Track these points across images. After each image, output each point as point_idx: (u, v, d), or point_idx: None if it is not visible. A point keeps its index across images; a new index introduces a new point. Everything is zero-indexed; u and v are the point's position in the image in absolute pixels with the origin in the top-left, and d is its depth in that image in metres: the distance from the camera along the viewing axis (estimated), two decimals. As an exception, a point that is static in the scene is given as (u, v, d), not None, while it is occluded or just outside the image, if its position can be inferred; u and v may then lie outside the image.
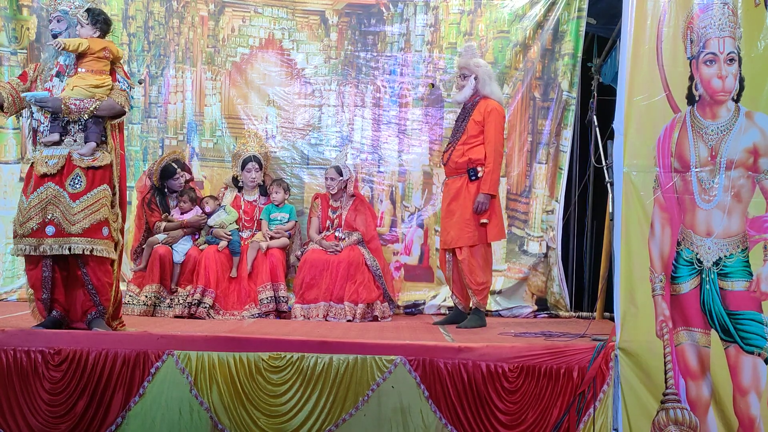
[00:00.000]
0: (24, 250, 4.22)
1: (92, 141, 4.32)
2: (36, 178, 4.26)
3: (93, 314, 4.38)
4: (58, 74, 4.38)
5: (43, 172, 4.22)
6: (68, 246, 4.20)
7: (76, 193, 4.24)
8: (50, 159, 4.27)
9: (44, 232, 4.19)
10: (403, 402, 4.05)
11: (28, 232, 4.20)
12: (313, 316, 5.77)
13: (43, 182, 4.23)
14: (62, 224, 4.20)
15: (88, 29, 4.39)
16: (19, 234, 4.24)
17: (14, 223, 4.32)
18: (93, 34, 4.40)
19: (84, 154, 4.29)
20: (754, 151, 3.86)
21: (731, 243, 3.87)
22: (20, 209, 4.27)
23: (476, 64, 5.46)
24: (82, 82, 4.33)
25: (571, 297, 6.60)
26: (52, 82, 4.37)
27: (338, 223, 6.13)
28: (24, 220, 4.22)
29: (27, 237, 4.20)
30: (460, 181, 5.36)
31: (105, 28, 4.46)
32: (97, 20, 4.41)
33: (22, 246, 4.23)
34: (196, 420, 4.05)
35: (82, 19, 4.38)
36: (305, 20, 6.77)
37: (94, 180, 4.30)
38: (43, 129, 4.35)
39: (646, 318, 3.97)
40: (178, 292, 5.80)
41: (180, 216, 6.08)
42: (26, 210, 4.22)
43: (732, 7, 3.90)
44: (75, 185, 4.25)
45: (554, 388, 4.05)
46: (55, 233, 4.19)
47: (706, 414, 3.88)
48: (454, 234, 5.34)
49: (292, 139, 6.73)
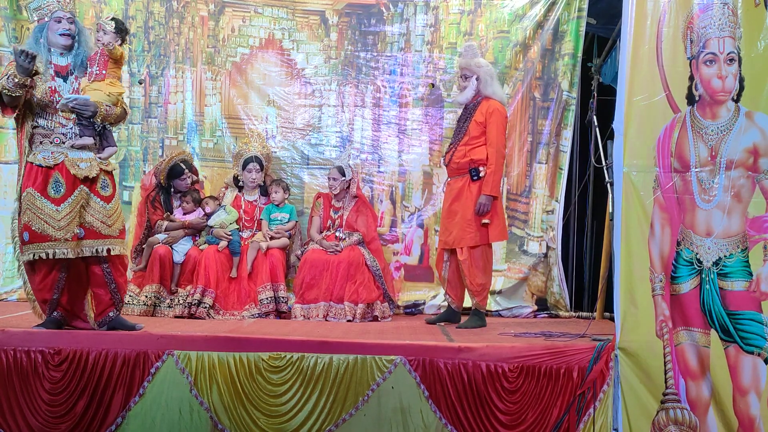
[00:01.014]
0: (64, 254, 4.23)
1: (112, 146, 4.51)
2: (68, 183, 4.26)
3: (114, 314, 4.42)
4: (58, 74, 4.36)
5: (83, 175, 4.28)
6: (105, 247, 4.32)
7: (107, 196, 4.40)
8: (80, 162, 4.32)
9: (78, 236, 4.27)
10: (403, 402, 4.05)
11: (69, 236, 4.23)
12: (313, 316, 5.77)
13: (77, 186, 4.28)
14: (96, 226, 4.31)
15: (111, 37, 4.47)
16: (55, 238, 4.20)
17: (36, 227, 4.21)
18: (116, 42, 4.48)
19: (104, 158, 4.43)
20: (754, 151, 3.86)
21: (731, 243, 3.87)
22: (48, 214, 4.21)
23: (477, 65, 5.43)
24: (110, 88, 4.43)
25: (571, 297, 6.60)
26: (55, 82, 4.33)
27: (339, 223, 6.13)
28: (62, 225, 4.21)
29: (68, 241, 4.22)
30: (461, 182, 5.36)
31: (125, 37, 4.60)
32: (121, 29, 4.53)
33: (61, 249, 4.22)
34: (196, 420, 4.05)
35: (108, 27, 4.47)
36: (305, 20, 6.77)
37: (113, 183, 4.47)
38: (66, 132, 4.33)
39: (646, 318, 3.98)
40: (178, 293, 5.80)
41: (182, 216, 6.08)
42: (62, 216, 4.23)
43: (732, 7, 3.90)
44: (105, 188, 4.39)
45: (554, 388, 4.05)
46: (87, 235, 4.29)
47: (706, 414, 3.89)
48: (455, 234, 5.34)
49: (292, 139, 6.73)
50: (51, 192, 4.25)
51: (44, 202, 4.24)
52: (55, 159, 4.28)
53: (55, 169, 4.27)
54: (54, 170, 4.27)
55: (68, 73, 4.39)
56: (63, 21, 4.37)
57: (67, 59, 4.40)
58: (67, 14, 4.39)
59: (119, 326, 4.37)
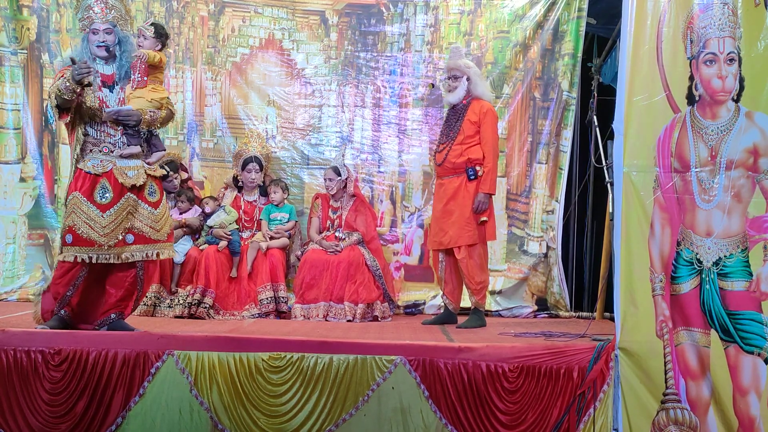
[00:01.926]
0: (107, 258, 4.30)
1: (160, 150, 4.57)
2: (115, 191, 4.30)
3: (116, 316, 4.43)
4: (104, 84, 4.37)
5: (131, 183, 4.33)
6: (155, 251, 4.42)
7: (155, 201, 4.46)
8: (128, 170, 4.36)
9: (125, 241, 4.33)
10: (403, 402, 4.05)
11: (113, 242, 4.29)
12: (313, 316, 5.77)
13: (124, 193, 4.33)
14: (145, 231, 4.38)
15: (152, 42, 4.49)
16: (100, 244, 4.26)
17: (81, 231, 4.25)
18: (155, 48, 4.50)
19: (152, 164, 4.49)
20: (754, 151, 3.86)
21: (731, 243, 3.87)
22: (93, 219, 4.26)
23: (466, 65, 5.51)
24: (152, 94, 4.45)
25: (571, 297, 6.60)
26: (102, 92, 4.35)
27: (338, 223, 6.13)
28: (107, 232, 4.27)
29: (112, 247, 4.29)
30: (458, 181, 5.36)
31: (165, 42, 4.61)
32: (161, 34, 4.56)
33: (104, 254, 4.28)
34: (196, 420, 4.05)
35: (147, 33, 4.49)
36: (305, 20, 6.77)
37: (161, 188, 4.55)
38: (115, 141, 4.35)
39: (646, 318, 3.97)
40: (178, 293, 5.80)
41: (178, 216, 6.08)
42: (107, 222, 4.28)
43: (732, 7, 3.90)
44: (152, 194, 4.46)
45: (554, 388, 4.05)
46: (136, 241, 4.36)
47: (706, 414, 3.88)
48: (453, 233, 5.34)
49: (292, 139, 6.74)
50: (97, 198, 4.30)
51: (90, 207, 4.28)
52: (104, 167, 4.32)
53: (103, 176, 4.31)
54: (102, 177, 4.31)
55: (114, 83, 4.40)
56: (99, 33, 4.34)
57: (112, 68, 4.40)
58: (104, 26, 4.34)
59: (119, 328, 4.37)
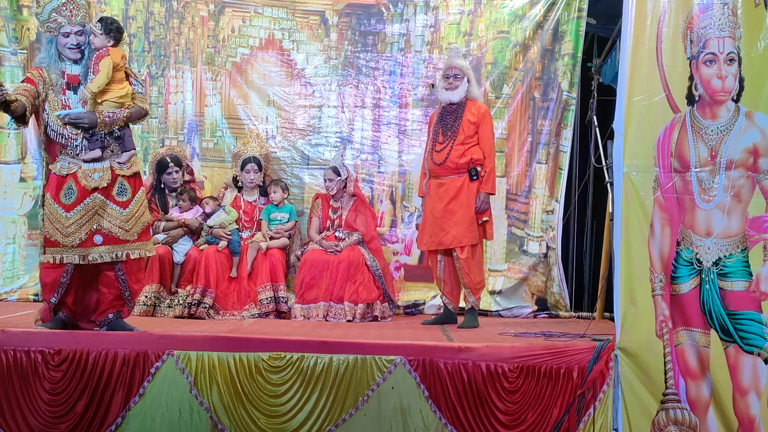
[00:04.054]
0: (73, 260, 4.27)
1: (130, 149, 4.44)
2: (80, 191, 4.27)
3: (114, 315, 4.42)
4: (69, 86, 4.34)
5: (93, 186, 4.29)
6: (124, 252, 4.34)
7: (124, 201, 4.37)
8: (94, 173, 4.32)
9: (92, 242, 4.29)
10: (403, 402, 4.05)
11: (77, 242, 4.26)
12: (313, 316, 5.77)
13: (88, 194, 4.29)
14: (114, 232, 4.32)
15: (102, 39, 4.35)
16: (63, 244, 4.25)
17: (48, 231, 4.27)
18: (107, 44, 4.37)
19: (123, 163, 4.40)
20: (754, 151, 3.86)
21: (731, 243, 3.87)
22: (58, 219, 4.25)
23: (467, 67, 5.56)
24: (111, 95, 4.33)
25: (571, 297, 6.60)
26: (66, 95, 4.32)
27: (338, 223, 6.13)
28: (70, 232, 4.25)
29: (75, 247, 4.26)
30: (460, 181, 5.36)
31: (118, 36, 4.44)
32: (110, 30, 4.38)
33: (69, 255, 4.26)
34: (196, 420, 4.05)
35: (95, 29, 4.35)
36: (305, 20, 6.77)
37: (135, 186, 4.44)
38: (78, 144, 4.31)
39: (646, 318, 3.97)
40: (178, 293, 5.79)
41: (179, 215, 6.08)
42: (70, 222, 4.25)
43: (732, 7, 3.90)
44: (122, 194, 4.37)
45: (554, 388, 4.05)
46: (105, 241, 4.31)
47: (706, 414, 3.88)
48: (456, 233, 5.33)
49: (292, 139, 6.74)
50: (63, 198, 4.28)
51: (56, 207, 4.27)
52: (69, 169, 4.30)
53: (69, 177, 4.30)
54: (68, 178, 4.30)
55: (79, 83, 4.36)
56: (71, 35, 4.32)
57: (79, 68, 4.37)
58: (75, 27, 4.32)
59: (118, 328, 4.37)
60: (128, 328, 4.38)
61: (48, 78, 4.31)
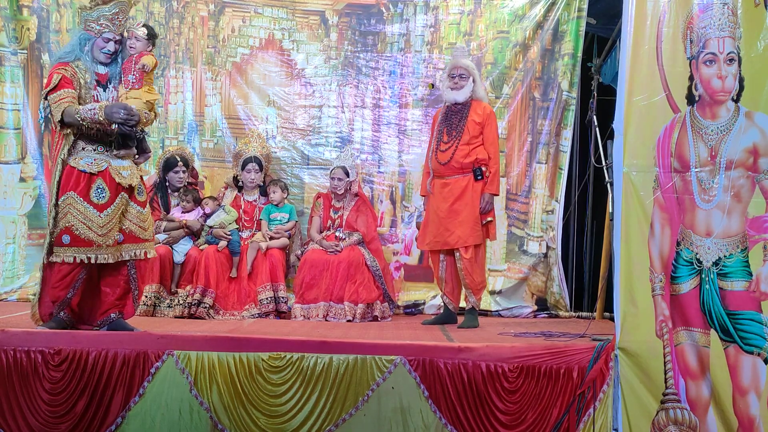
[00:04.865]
0: (105, 259, 4.29)
1: (148, 152, 4.57)
2: (112, 190, 4.29)
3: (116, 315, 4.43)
4: (99, 83, 4.37)
5: (127, 183, 4.33)
6: (143, 251, 4.42)
7: (143, 201, 4.47)
8: (123, 170, 4.35)
9: (117, 241, 4.35)
10: (403, 402, 4.05)
11: (111, 242, 4.29)
12: (313, 316, 5.77)
13: (118, 193, 4.32)
14: (134, 231, 4.39)
15: (144, 44, 4.44)
16: (98, 243, 4.24)
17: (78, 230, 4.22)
18: (147, 49, 4.46)
19: (140, 164, 4.51)
20: (754, 151, 3.86)
21: (731, 243, 3.87)
22: (90, 218, 4.24)
23: (472, 67, 5.55)
24: (147, 96, 4.41)
25: (571, 297, 6.60)
26: (97, 92, 4.35)
27: (339, 223, 6.13)
28: (105, 231, 4.26)
29: (109, 246, 4.28)
30: (464, 181, 5.36)
31: (154, 42, 4.56)
32: (152, 36, 4.51)
33: (102, 255, 4.27)
34: (196, 420, 4.05)
35: (139, 34, 4.42)
36: (305, 20, 6.78)
37: (146, 187, 4.61)
38: (111, 140, 4.33)
39: (646, 318, 3.97)
40: (178, 293, 5.79)
41: (181, 215, 6.08)
42: (104, 222, 4.26)
43: (732, 7, 3.90)
44: (141, 194, 4.45)
45: (554, 388, 4.05)
46: (126, 240, 4.36)
47: (706, 414, 3.88)
48: (460, 233, 5.33)
49: (292, 139, 6.74)
50: (94, 198, 4.27)
51: (87, 207, 4.26)
52: (99, 166, 4.30)
53: (98, 176, 4.29)
54: (97, 176, 4.29)
55: (107, 83, 4.40)
56: (110, 42, 4.36)
57: (106, 68, 4.40)
58: (117, 36, 4.37)
59: (119, 328, 4.37)
60: (128, 328, 4.38)
61: (81, 76, 4.32)
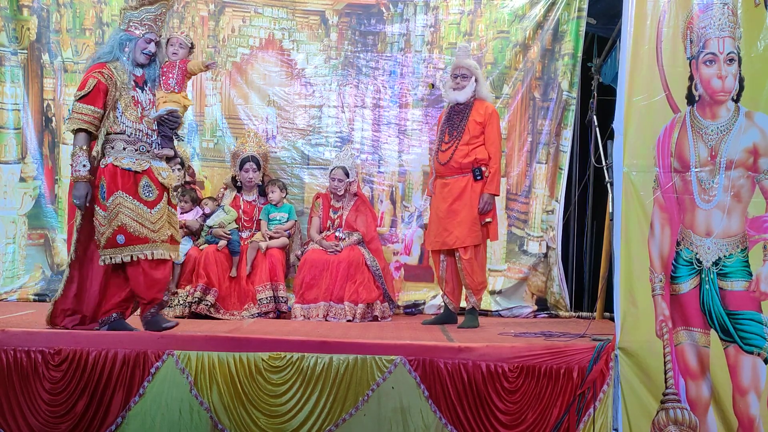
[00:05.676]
0: (162, 255, 4.32)
1: (178, 157, 4.69)
2: (159, 188, 4.35)
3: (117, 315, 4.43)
4: (136, 84, 4.39)
5: (169, 184, 4.41)
6: (177, 251, 4.54)
7: (174, 204, 4.58)
8: (162, 171, 4.41)
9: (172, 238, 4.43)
10: (403, 402, 4.05)
11: (165, 237, 4.35)
12: (313, 316, 5.77)
13: (163, 193, 4.37)
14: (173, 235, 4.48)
15: (186, 51, 4.59)
16: (152, 240, 4.28)
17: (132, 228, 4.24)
18: (188, 57, 4.59)
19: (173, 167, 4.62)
20: (754, 151, 3.86)
21: (731, 243, 3.87)
22: (142, 215, 4.27)
23: (475, 66, 5.52)
24: (184, 101, 4.51)
25: (571, 297, 6.60)
26: (135, 92, 4.37)
27: (339, 223, 6.13)
28: (158, 227, 4.31)
29: (164, 242, 4.33)
30: (464, 181, 5.36)
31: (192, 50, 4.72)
32: (192, 44, 4.69)
33: (159, 251, 4.30)
34: (196, 420, 4.06)
35: (186, 42, 4.59)
36: (305, 20, 6.78)
37: None
38: (152, 141, 4.38)
39: (646, 318, 3.98)
40: (178, 293, 5.79)
41: (180, 216, 6.07)
42: (156, 218, 4.31)
43: (732, 7, 3.90)
44: (174, 197, 4.58)
45: (554, 388, 4.05)
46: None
47: (706, 414, 3.89)
48: (459, 233, 5.32)
49: (292, 139, 6.74)
50: (143, 195, 4.31)
51: (137, 204, 4.29)
52: (141, 165, 4.33)
53: (143, 174, 4.32)
54: (143, 174, 4.32)
55: (144, 84, 4.43)
56: (151, 44, 4.39)
57: (142, 70, 4.43)
58: (158, 37, 4.43)
59: (119, 328, 4.37)
60: (129, 328, 4.38)
61: (118, 77, 4.33)
